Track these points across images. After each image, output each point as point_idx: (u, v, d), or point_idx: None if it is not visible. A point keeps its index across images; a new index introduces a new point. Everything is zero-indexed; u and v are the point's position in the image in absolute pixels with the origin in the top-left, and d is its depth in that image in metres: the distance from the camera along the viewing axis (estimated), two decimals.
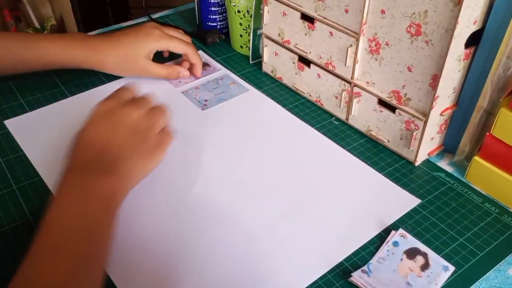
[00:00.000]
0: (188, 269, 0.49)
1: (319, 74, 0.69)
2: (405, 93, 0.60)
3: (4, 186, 0.58)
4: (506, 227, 0.55)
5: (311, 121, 0.69)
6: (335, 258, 0.51)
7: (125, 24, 0.90)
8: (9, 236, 0.52)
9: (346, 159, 0.63)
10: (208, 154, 0.63)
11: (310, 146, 0.65)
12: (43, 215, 0.44)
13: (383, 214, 0.56)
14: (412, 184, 0.60)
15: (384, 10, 0.57)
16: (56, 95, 0.72)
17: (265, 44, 0.76)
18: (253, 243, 0.52)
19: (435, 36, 0.54)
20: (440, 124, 0.62)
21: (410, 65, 0.58)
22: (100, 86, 0.74)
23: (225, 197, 0.57)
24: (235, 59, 0.82)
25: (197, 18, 0.87)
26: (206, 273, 0.49)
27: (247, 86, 0.75)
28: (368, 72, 0.63)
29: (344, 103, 0.68)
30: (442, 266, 0.50)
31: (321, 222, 0.55)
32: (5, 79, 0.75)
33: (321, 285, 0.49)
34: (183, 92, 0.74)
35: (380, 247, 0.52)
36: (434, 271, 0.49)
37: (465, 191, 0.59)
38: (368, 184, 0.60)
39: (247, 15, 0.78)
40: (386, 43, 0.59)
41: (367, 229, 0.54)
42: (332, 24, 0.64)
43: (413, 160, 0.63)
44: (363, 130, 0.67)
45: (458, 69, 0.57)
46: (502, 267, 0.51)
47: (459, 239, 0.54)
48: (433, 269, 0.50)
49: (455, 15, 0.51)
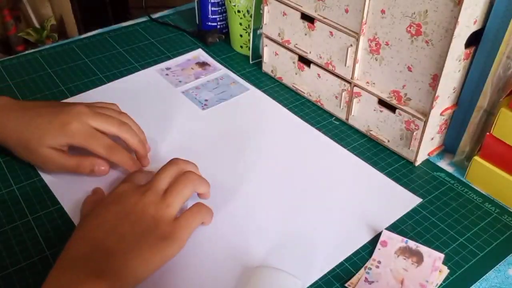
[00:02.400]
0: (186, 268, 0.49)
1: (319, 74, 0.69)
2: (405, 93, 0.60)
3: (4, 186, 0.58)
4: (506, 227, 0.55)
5: (311, 121, 0.69)
6: (335, 258, 0.51)
7: (125, 24, 0.91)
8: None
9: (346, 159, 0.63)
10: (208, 154, 0.63)
11: (310, 145, 0.65)
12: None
13: (384, 213, 0.56)
14: (412, 184, 0.60)
15: (384, 10, 0.57)
16: (56, 95, 0.72)
17: (265, 44, 0.76)
18: (253, 243, 0.52)
19: (435, 36, 0.54)
20: (440, 124, 0.62)
21: (410, 65, 0.58)
22: (100, 86, 0.74)
23: (225, 197, 0.57)
24: (235, 59, 0.82)
25: (197, 18, 0.87)
26: (205, 274, 0.49)
27: (247, 85, 0.75)
28: (368, 72, 0.63)
29: (344, 103, 0.68)
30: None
31: (321, 221, 0.55)
32: (5, 79, 0.75)
33: (321, 285, 0.49)
34: (183, 92, 0.74)
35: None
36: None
37: (465, 191, 0.59)
38: (369, 184, 0.60)
39: (247, 15, 0.78)
40: (386, 43, 0.59)
41: (367, 229, 0.54)
42: (332, 24, 0.64)
43: (413, 160, 0.63)
44: (363, 130, 0.67)
45: (458, 69, 0.57)
46: (502, 267, 0.51)
47: (459, 239, 0.54)
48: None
49: (455, 15, 0.51)
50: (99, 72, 0.77)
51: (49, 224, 0.54)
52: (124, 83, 0.75)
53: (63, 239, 0.52)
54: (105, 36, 0.87)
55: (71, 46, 0.83)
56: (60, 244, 0.51)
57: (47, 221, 0.54)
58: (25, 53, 0.81)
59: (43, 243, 0.52)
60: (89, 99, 0.69)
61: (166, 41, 0.86)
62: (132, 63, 0.80)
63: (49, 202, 0.56)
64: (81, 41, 0.85)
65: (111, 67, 0.78)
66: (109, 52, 0.82)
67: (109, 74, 0.77)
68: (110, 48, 0.83)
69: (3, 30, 1.88)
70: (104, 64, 0.79)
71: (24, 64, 0.78)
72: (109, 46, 0.84)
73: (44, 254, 0.51)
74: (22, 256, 0.51)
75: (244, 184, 0.59)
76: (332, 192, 0.58)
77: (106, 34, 0.87)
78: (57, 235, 0.53)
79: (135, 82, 0.75)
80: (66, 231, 0.53)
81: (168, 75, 0.77)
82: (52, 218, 0.54)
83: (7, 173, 0.60)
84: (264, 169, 0.61)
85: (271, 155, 0.63)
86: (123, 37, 0.86)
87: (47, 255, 0.51)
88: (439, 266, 0.49)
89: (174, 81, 0.76)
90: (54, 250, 0.51)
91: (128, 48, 0.83)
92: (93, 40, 0.85)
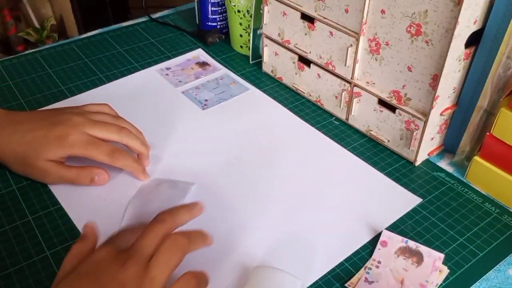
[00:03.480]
0: (186, 268, 0.49)
1: (319, 74, 0.69)
2: (405, 93, 0.60)
3: (4, 186, 0.58)
4: (506, 227, 0.55)
5: (311, 121, 0.69)
6: (335, 258, 0.51)
7: (125, 24, 0.91)
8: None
9: (346, 159, 0.63)
10: (208, 154, 0.63)
11: (310, 145, 0.65)
12: None
13: (384, 213, 0.56)
14: (412, 184, 0.60)
15: (384, 10, 0.57)
16: (56, 95, 0.72)
17: (265, 44, 0.76)
18: (252, 243, 0.52)
19: (435, 36, 0.54)
20: (440, 124, 0.62)
21: (410, 65, 0.58)
22: (100, 86, 0.74)
23: (224, 197, 0.57)
24: (235, 59, 0.82)
25: (197, 18, 0.87)
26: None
27: (247, 85, 0.75)
28: (368, 72, 0.63)
29: (344, 103, 0.68)
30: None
31: (321, 221, 0.55)
32: (5, 79, 0.75)
33: (321, 285, 0.49)
34: (183, 92, 0.74)
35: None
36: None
37: (465, 191, 0.59)
38: (369, 184, 0.60)
39: (247, 15, 0.78)
40: (386, 43, 0.59)
41: (367, 229, 0.54)
42: (332, 24, 0.64)
43: (413, 160, 0.63)
44: (363, 130, 0.67)
45: (458, 69, 0.57)
46: (502, 267, 0.51)
47: (459, 239, 0.54)
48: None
49: (455, 15, 0.51)
50: (99, 72, 0.77)
51: (49, 224, 0.54)
52: (124, 83, 0.75)
53: (63, 239, 0.52)
54: (105, 36, 0.87)
55: (71, 46, 0.83)
56: (60, 244, 0.52)
57: (47, 221, 0.54)
58: (25, 53, 0.81)
59: (43, 243, 0.52)
60: (89, 99, 0.69)
61: (166, 41, 0.86)
62: (132, 63, 0.80)
63: (49, 202, 0.56)
64: (81, 41, 0.85)
65: (111, 67, 0.78)
66: (109, 52, 0.82)
67: (109, 74, 0.77)
68: (110, 48, 0.83)
69: (3, 30, 1.88)
70: (104, 64, 0.79)
71: (24, 64, 0.78)
72: (109, 46, 0.84)
73: (44, 254, 0.51)
74: (22, 256, 0.51)
75: (244, 184, 0.59)
76: (332, 192, 0.58)
77: (106, 34, 0.87)
78: (57, 235, 0.53)
79: (135, 82, 0.75)
80: (66, 231, 0.53)
81: (168, 75, 0.77)
82: (52, 218, 0.54)
83: (7, 173, 0.60)
84: (264, 169, 0.61)
85: (271, 155, 0.63)
86: (123, 37, 0.86)
87: (47, 255, 0.51)
88: (439, 266, 0.50)
89: (174, 81, 0.76)
90: (54, 250, 0.51)
91: (128, 48, 0.83)
92: (93, 40, 0.85)
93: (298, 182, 0.60)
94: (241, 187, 0.59)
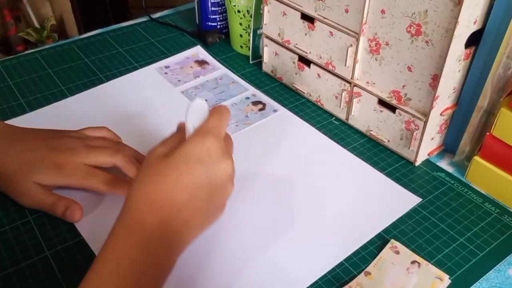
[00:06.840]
0: (187, 269, 0.49)
1: (319, 74, 0.69)
2: (405, 93, 0.60)
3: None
4: (506, 227, 0.55)
5: (311, 121, 0.69)
6: (335, 258, 0.51)
7: (125, 24, 0.91)
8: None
9: (346, 158, 0.63)
10: None
11: (310, 145, 0.65)
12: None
13: (384, 213, 0.56)
14: (412, 184, 0.60)
15: (384, 10, 0.57)
16: (56, 95, 0.72)
17: (265, 44, 0.76)
18: (252, 243, 0.52)
19: (435, 36, 0.54)
20: (440, 124, 0.62)
21: (410, 65, 0.58)
22: (100, 85, 0.74)
23: None
24: (235, 59, 0.82)
25: (197, 18, 0.87)
26: (205, 274, 0.49)
27: (246, 85, 0.75)
28: (368, 72, 0.63)
29: (344, 103, 0.68)
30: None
31: (321, 221, 0.55)
32: (5, 79, 0.75)
33: (321, 285, 0.49)
34: (182, 92, 0.74)
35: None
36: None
37: (465, 191, 0.59)
38: (369, 184, 0.60)
39: (247, 15, 0.78)
40: (386, 43, 0.59)
41: (367, 228, 0.54)
42: (332, 24, 0.64)
43: (413, 160, 0.63)
44: (363, 130, 0.67)
45: (458, 69, 0.57)
46: (502, 267, 0.51)
47: (459, 239, 0.54)
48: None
49: (455, 15, 0.51)
50: (99, 72, 0.77)
51: (49, 224, 0.54)
52: (123, 82, 0.75)
53: (63, 239, 0.52)
54: (105, 36, 0.87)
55: (71, 46, 0.83)
56: (60, 244, 0.52)
57: (47, 221, 0.54)
58: (25, 53, 0.81)
59: (43, 243, 0.52)
60: (89, 99, 0.69)
61: (166, 41, 0.86)
62: (132, 63, 0.80)
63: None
64: (81, 41, 0.85)
65: (111, 67, 0.78)
66: (109, 52, 0.82)
67: (109, 74, 0.77)
68: (110, 48, 0.83)
69: (3, 30, 1.88)
70: (104, 64, 0.79)
71: (24, 64, 0.78)
72: (109, 46, 0.84)
73: (44, 254, 0.51)
74: (22, 256, 0.51)
75: (244, 183, 0.59)
76: (332, 192, 0.58)
77: (106, 34, 0.87)
78: (57, 235, 0.53)
79: (134, 81, 0.75)
80: (66, 231, 0.53)
81: (167, 73, 0.77)
82: (52, 218, 0.54)
83: None
84: (264, 168, 0.61)
85: (271, 155, 0.63)
86: (123, 37, 0.86)
87: (47, 255, 0.51)
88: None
89: (173, 80, 0.76)
90: (54, 250, 0.51)
91: (128, 48, 0.83)
92: (93, 40, 0.85)
93: (298, 182, 0.60)
94: (240, 186, 0.59)
